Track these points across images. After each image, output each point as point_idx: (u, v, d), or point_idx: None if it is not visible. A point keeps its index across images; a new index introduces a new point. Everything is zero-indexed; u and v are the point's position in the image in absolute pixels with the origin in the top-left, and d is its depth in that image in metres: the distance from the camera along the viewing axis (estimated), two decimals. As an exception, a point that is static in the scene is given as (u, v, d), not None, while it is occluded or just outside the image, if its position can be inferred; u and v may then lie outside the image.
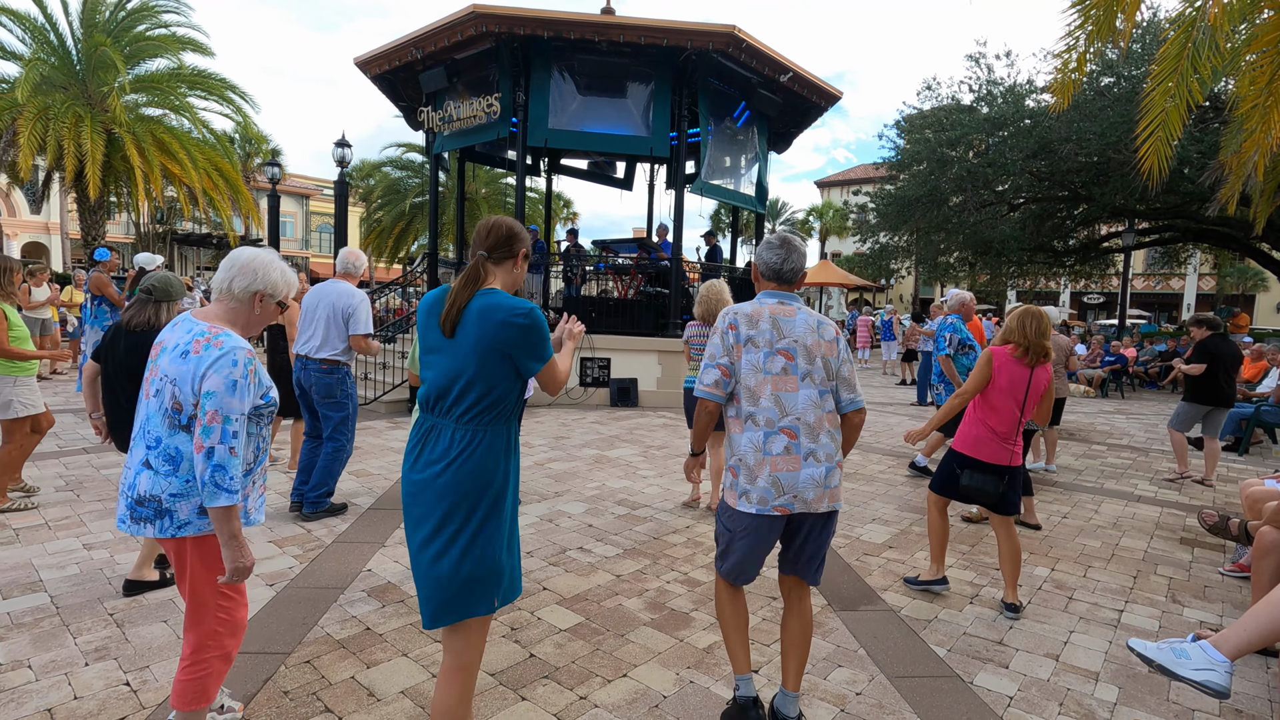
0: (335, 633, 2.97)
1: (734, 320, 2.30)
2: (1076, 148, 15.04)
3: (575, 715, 2.44)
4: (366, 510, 4.61)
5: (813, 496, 2.21)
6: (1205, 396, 6.11)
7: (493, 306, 1.88)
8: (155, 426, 1.98)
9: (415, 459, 1.94)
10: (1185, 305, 35.65)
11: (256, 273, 2.06)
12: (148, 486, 1.96)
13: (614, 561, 3.91)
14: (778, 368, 2.25)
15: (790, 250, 2.38)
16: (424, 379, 1.97)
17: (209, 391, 1.87)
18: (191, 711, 2.02)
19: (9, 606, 3.07)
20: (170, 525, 1.96)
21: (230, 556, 1.92)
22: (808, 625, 2.39)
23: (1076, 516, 5.08)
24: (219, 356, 1.90)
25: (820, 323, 2.33)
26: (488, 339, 1.86)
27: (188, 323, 2.02)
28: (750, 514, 2.22)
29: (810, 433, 2.23)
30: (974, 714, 2.51)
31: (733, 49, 8.51)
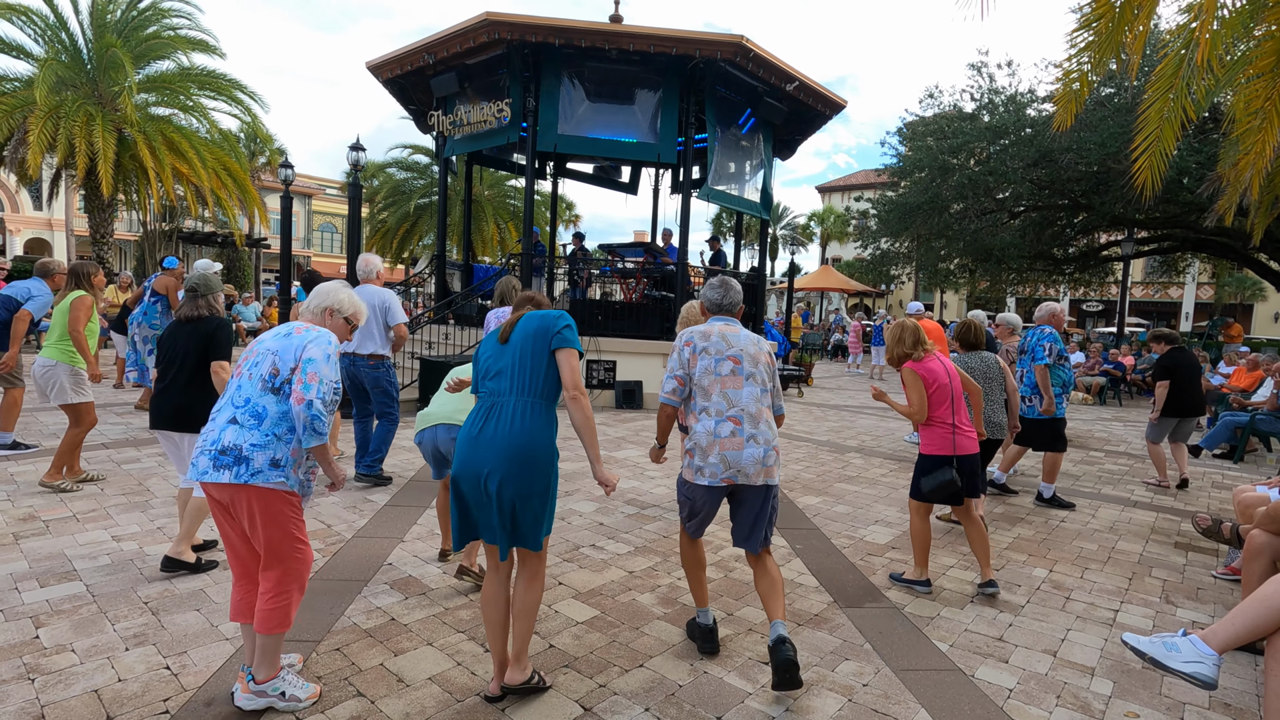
0: (362, 622, 3.09)
1: (689, 338, 2.91)
2: (1077, 157, 15.21)
3: (596, 702, 2.56)
4: (383, 506, 4.73)
5: (752, 471, 2.77)
6: (1173, 409, 6.29)
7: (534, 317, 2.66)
8: (247, 391, 2.41)
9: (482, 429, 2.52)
10: (1184, 314, 35.85)
11: (327, 294, 2.68)
12: (232, 438, 2.34)
13: (626, 558, 4.03)
14: (727, 370, 2.84)
15: (728, 289, 3.03)
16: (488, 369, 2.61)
17: (310, 358, 2.39)
18: (275, 635, 2.40)
19: (47, 594, 3.19)
20: (245, 472, 2.31)
21: (331, 473, 2.55)
22: (775, 578, 2.86)
23: (1075, 520, 5.21)
24: (317, 335, 2.48)
25: (759, 339, 2.97)
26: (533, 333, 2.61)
27: (289, 325, 2.54)
28: (704, 486, 2.80)
29: (752, 421, 2.80)
30: (975, 705, 2.64)
31: (740, 58, 8.66)
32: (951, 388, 3.71)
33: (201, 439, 2.40)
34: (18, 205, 31.05)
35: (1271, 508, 3.26)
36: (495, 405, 2.47)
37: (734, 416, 2.78)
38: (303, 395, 2.33)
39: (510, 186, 26.05)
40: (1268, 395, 8.81)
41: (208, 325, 3.57)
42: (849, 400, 12.17)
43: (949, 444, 3.67)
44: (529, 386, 2.48)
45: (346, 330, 2.71)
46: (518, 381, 2.48)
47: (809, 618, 3.35)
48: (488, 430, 2.43)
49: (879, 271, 23.97)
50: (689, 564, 3.06)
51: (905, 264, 23.84)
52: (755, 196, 11.20)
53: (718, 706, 2.57)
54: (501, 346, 2.56)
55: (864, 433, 8.78)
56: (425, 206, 24.98)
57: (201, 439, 2.40)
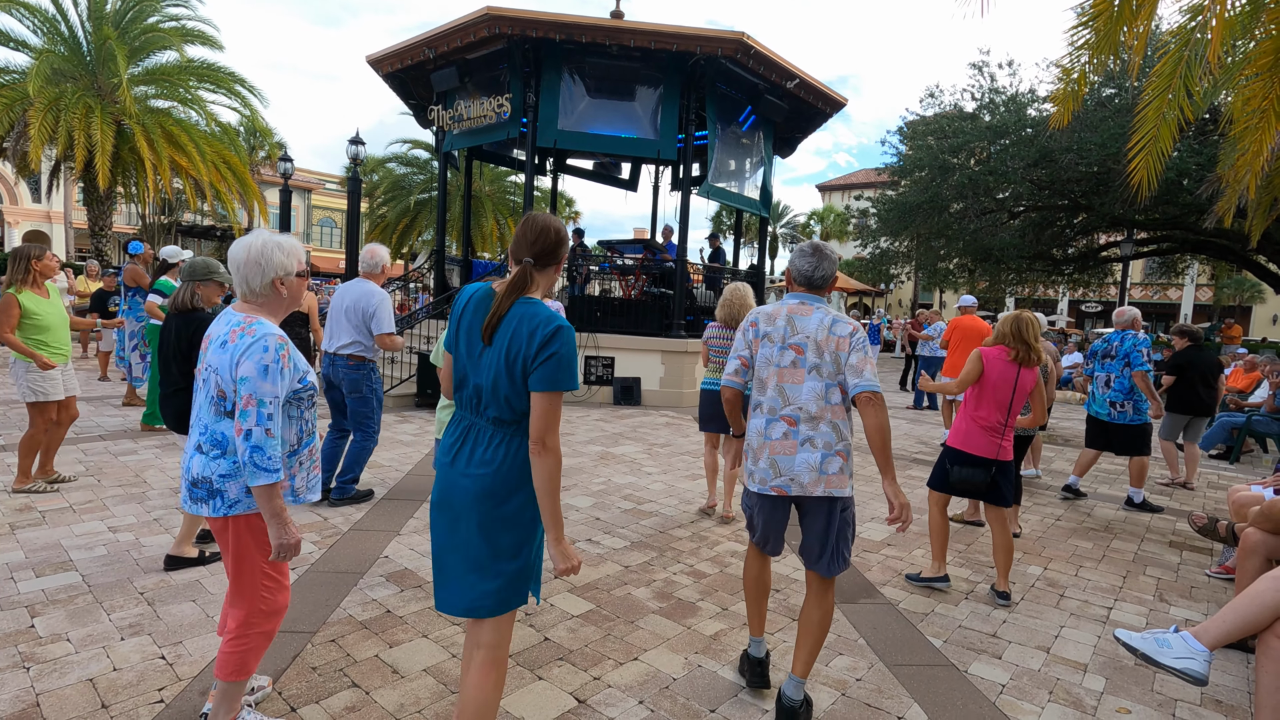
0: (357, 614, 3.09)
1: (755, 319, 2.57)
2: (1077, 157, 15.21)
3: (590, 694, 2.57)
4: (380, 500, 4.74)
5: (808, 480, 2.39)
6: (1183, 406, 6.36)
7: (529, 316, 1.83)
8: (204, 414, 2.11)
9: (455, 457, 1.92)
10: (1183, 315, 35.90)
11: (261, 263, 2.09)
12: (200, 469, 2.08)
13: (622, 553, 4.04)
14: (788, 361, 2.45)
15: (822, 259, 2.54)
16: (463, 375, 1.93)
17: (243, 377, 1.97)
18: (232, 682, 2.13)
19: (43, 584, 3.20)
20: (221, 505, 2.07)
21: (275, 533, 2.03)
22: (825, 616, 2.45)
23: (1070, 519, 5.22)
24: (251, 344, 1.99)
25: (835, 320, 2.44)
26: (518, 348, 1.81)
27: (228, 315, 2.12)
28: (755, 493, 2.51)
29: (811, 421, 2.41)
30: (968, 700, 2.65)
31: (741, 55, 8.65)
32: (1013, 394, 3.54)
33: (181, 460, 2.19)
34: (17, 198, 30.99)
35: (1265, 506, 3.27)
36: (472, 427, 1.92)
37: (789, 416, 2.42)
38: (240, 425, 1.96)
39: (511, 182, 26.04)
40: (1264, 396, 8.82)
41: (196, 320, 3.38)
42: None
43: (994, 448, 3.54)
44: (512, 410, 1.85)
45: (301, 288, 2.22)
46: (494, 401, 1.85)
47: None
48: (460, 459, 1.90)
49: (878, 271, 23.98)
50: (749, 587, 2.68)
51: (905, 263, 23.86)
52: (755, 194, 11.20)
53: (711, 700, 2.57)
54: (482, 346, 1.87)
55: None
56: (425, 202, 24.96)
57: (181, 460, 2.19)
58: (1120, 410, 5.53)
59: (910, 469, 6.58)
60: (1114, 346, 5.62)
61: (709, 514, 4.91)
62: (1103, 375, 5.66)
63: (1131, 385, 5.48)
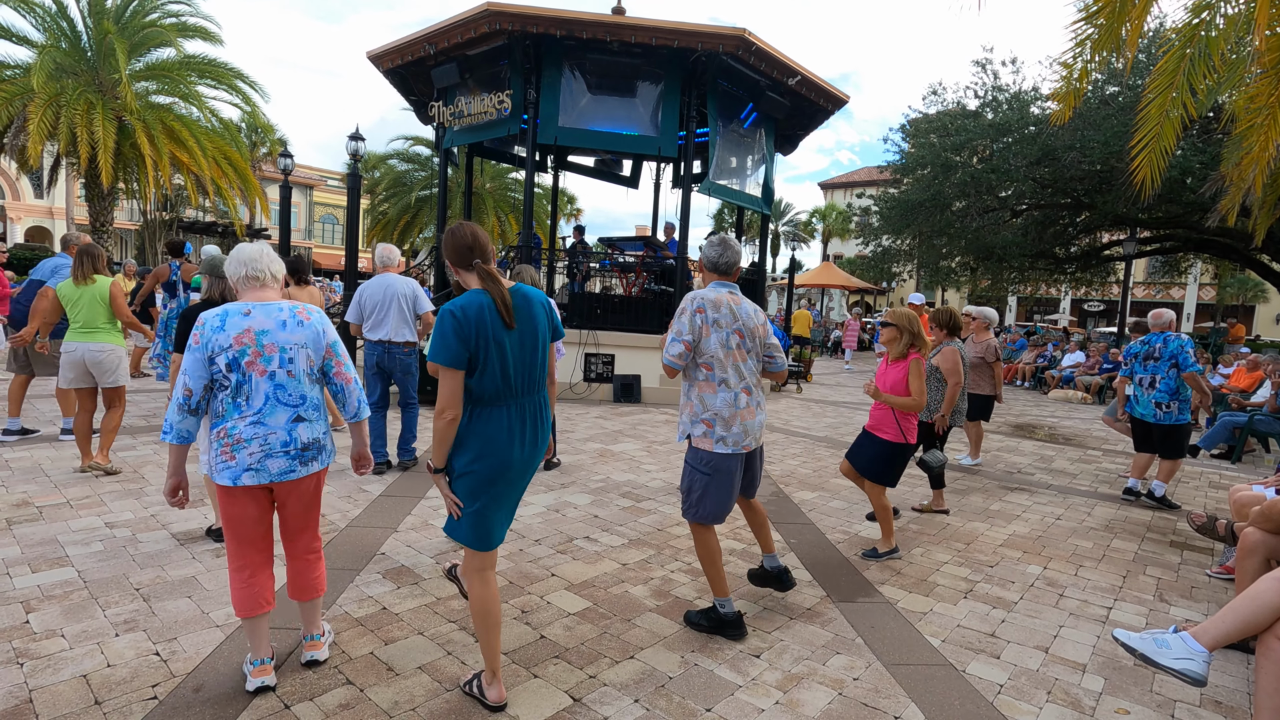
0: (353, 611, 3.09)
1: (701, 305, 2.94)
2: (1080, 155, 15.15)
3: (585, 693, 2.55)
4: (378, 497, 4.73)
5: (759, 435, 3.09)
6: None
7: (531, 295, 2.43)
8: (299, 388, 2.44)
9: (524, 439, 2.37)
10: (1185, 315, 35.79)
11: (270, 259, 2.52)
12: (309, 435, 2.45)
13: (619, 551, 4.02)
14: (735, 344, 2.98)
15: (727, 247, 3.07)
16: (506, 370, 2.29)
17: (334, 340, 2.52)
18: (319, 597, 2.63)
19: (39, 579, 3.19)
20: (327, 457, 2.54)
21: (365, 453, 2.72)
22: (763, 515, 3.37)
23: (1070, 518, 5.20)
24: (321, 314, 2.54)
25: (756, 309, 3.11)
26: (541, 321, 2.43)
27: (269, 305, 2.42)
28: (727, 454, 2.96)
29: (759, 390, 3.10)
30: (966, 700, 2.63)
31: (742, 51, 8.61)
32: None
33: (263, 443, 2.34)
34: (19, 193, 31.03)
35: (1266, 506, 3.25)
36: (527, 406, 2.39)
37: (746, 388, 3.00)
38: (349, 375, 2.54)
39: (512, 179, 26.01)
40: (1266, 396, 8.79)
41: None
42: (847, 397, 12.16)
43: (916, 433, 4.16)
44: (541, 380, 2.46)
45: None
46: (537, 375, 2.43)
47: (801, 611, 3.34)
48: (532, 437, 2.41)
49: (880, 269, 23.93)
50: (709, 555, 3.03)
51: (907, 261, 23.80)
52: (757, 191, 11.17)
53: (707, 699, 2.56)
54: (509, 332, 2.28)
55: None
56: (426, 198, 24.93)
57: (263, 443, 2.34)
58: (1166, 411, 5.57)
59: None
60: (1156, 348, 5.64)
61: None
62: (1146, 377, 5.67)
63: (1177, 385, 5.54)
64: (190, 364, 2.27)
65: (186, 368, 2.28)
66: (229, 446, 2.32)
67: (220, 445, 2.32)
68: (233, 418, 2.33)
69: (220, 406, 2.34)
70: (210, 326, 2.30)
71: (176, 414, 2.28)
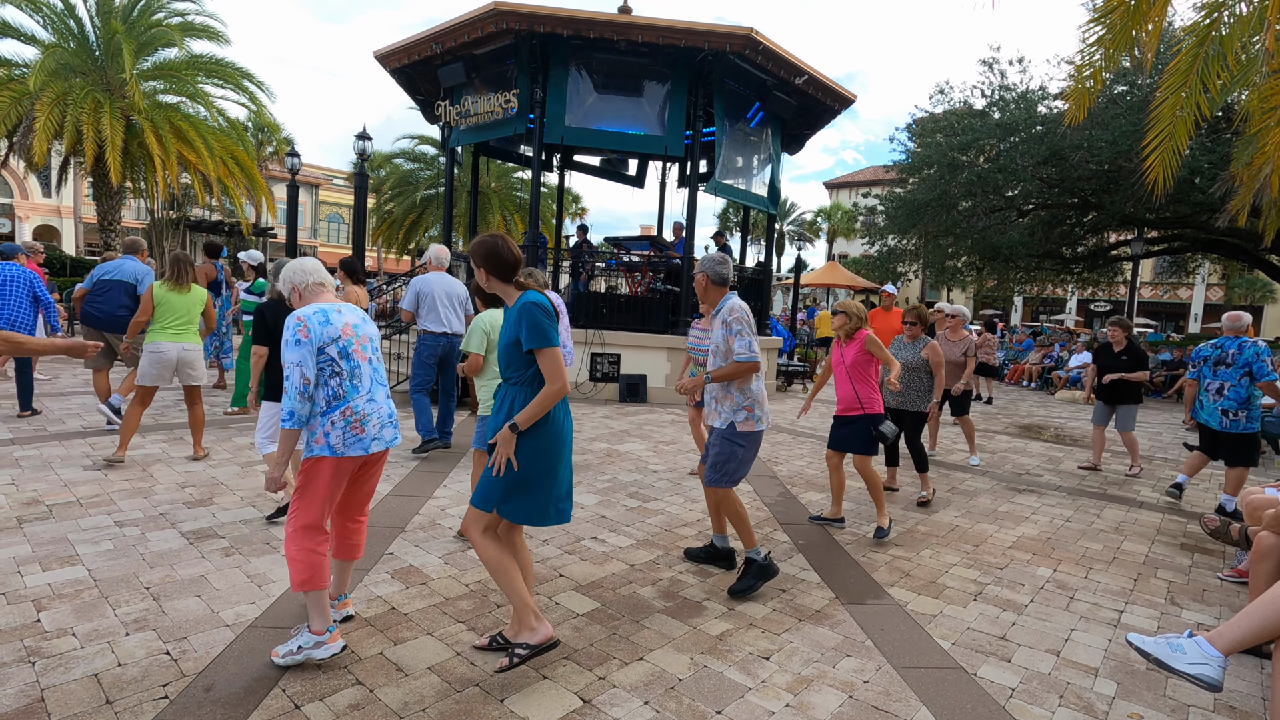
0: (363, 611, 3.08)
1: (746, 311, 3.53)
2: (1088, 155, 15.08)
3: (595, 694, 2.55)
4: (385, 496, 4.73)
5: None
6: (1106, 396, 6.91)
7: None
8: (383, 370, 2.86)
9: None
10: (1193, 315, 35.61)
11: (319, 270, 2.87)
12: (391, 409, 2.83)
13: (627, 551, 4.02)
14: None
15: (728, 263, 3.63)
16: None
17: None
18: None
19: (49, 578, 3.20)
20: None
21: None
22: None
23: (1079, 521, 5.18)
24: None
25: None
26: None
27: (348, 306, 2.80)
28: (763, 430, 3.58)
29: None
30: (977, 704, 2.61)
31: (749, 51, 8.59)
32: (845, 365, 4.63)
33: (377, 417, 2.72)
34: (27, 192, 31.19)
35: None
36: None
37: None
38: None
39: (518, 179, 26.01)
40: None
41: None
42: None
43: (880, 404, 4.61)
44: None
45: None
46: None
47: (811, 613, 3.33)
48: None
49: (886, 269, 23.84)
50: (740, 512, 3.59)
51: (913, 261, 23.72)
52: (763, 191, 11.14)
53: (718, 701, 2.55)
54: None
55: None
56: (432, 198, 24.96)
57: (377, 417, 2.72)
58: (1233, 419, 5.31)
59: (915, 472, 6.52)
60: (1230, 354, 5.34)
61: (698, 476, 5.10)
62: (1214, 383, 5.39)
63: (1248, 395, 5.27)
64: (304, 356, 2.54)
65: (301, 359, 2.54)
66: (358, 422, 2.64)
67: (348, 423, 2.62)
68: (354, 397, 2.66)
69: (338, 390, 2.63)
70: (316, 322, 2.60)
71: (299, 402, 2.54)
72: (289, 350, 2.55)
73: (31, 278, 6.29)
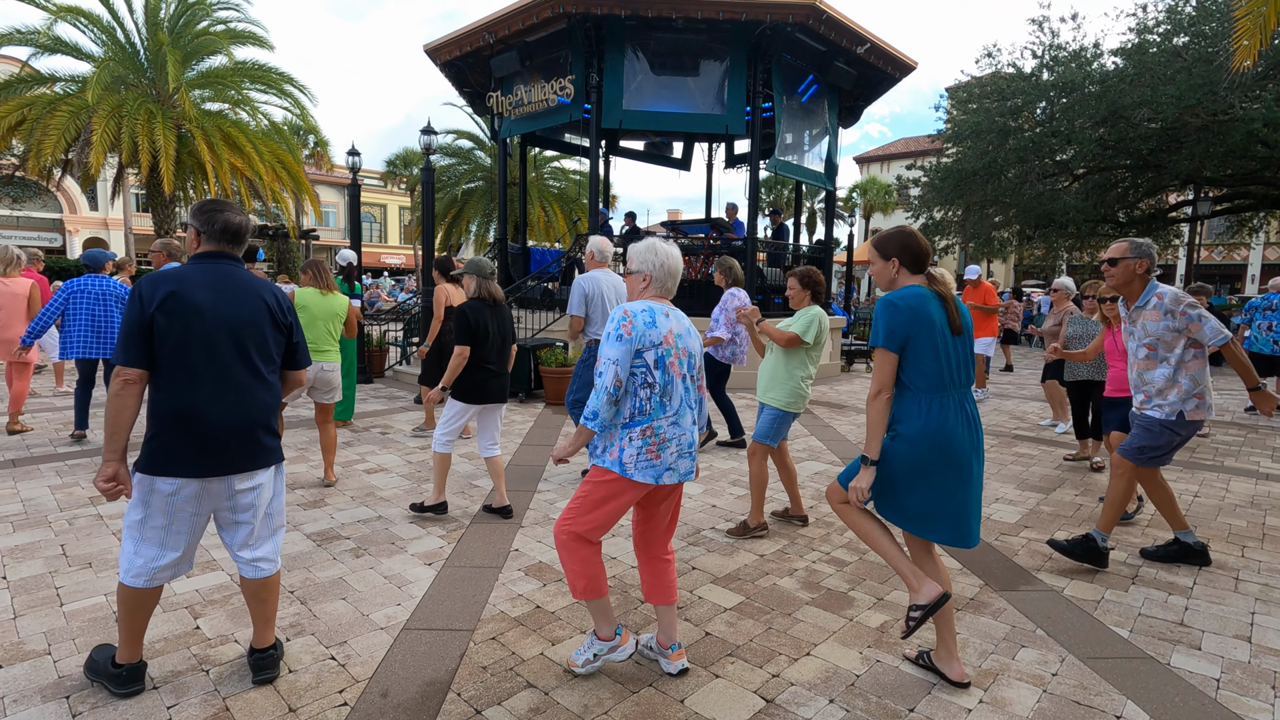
0: (509, 610, 3.03)
1: None
2: (1151, 112, 14.41)
3: (775, 693, 2.44)
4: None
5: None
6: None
7: None
8: (695, 394, 2.54)
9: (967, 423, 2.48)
10: (1250, 276, 34.11)
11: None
12: (697, 439, 2.51)
13: (751, 541, 3.91)
14: None
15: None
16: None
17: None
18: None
19: (194, 584, 3.20)
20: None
21: None
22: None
23: (1209, 495, 4.92)
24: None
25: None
26: None
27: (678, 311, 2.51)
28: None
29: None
30: (1186, 696, 2.45)
31: (812, 21, 8.32)
32: None
33: (678, 444, 2.41)
34: (75, 206, 32.09)
35: None
36: (962, 398, 2.41)
37: None
38: (705, 388, 2.70)
39: (554, 168, 25.88)
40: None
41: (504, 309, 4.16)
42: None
43: None
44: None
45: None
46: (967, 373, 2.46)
47: (965, 601, 3.18)
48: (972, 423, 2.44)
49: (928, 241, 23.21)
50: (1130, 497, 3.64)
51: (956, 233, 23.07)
52: (819, 167, 10.85)
53: (905, 698, 2.43)
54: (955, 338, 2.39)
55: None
56: (471, 191, 25.00)
57: (678, 444, 2.41)
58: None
59: (1007, 448, 6.29)
60: (1274, 304, 7.81)
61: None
62: (1264, 323, 7.84)
63: None
64: (621, 354, 2.30)
65: (618, 357, 2.30)
66: (655, 445, 2.35)
67: (646, 443, 2.35)
68: (659, 417, 2.37)
69: (645, 404, 2.36)
70: (642, 321, 2.33)
71: (606, 404, 2.32)
72: (608, 344, 2.32)
73: (122, 292, 5.77)
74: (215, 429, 2.22)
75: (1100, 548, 3.48)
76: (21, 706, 2.28)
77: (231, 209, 2.38)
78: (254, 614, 2.48)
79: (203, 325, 2.20)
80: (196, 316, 2.19)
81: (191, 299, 2.19)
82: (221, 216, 2.34)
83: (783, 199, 32.24)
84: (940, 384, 2.34)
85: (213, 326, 2.22)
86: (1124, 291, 3.45)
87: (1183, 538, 3.61)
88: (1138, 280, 3.38)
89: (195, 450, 2.19)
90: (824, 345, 4.04)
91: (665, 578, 2.55)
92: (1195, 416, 3.31)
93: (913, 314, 2.31)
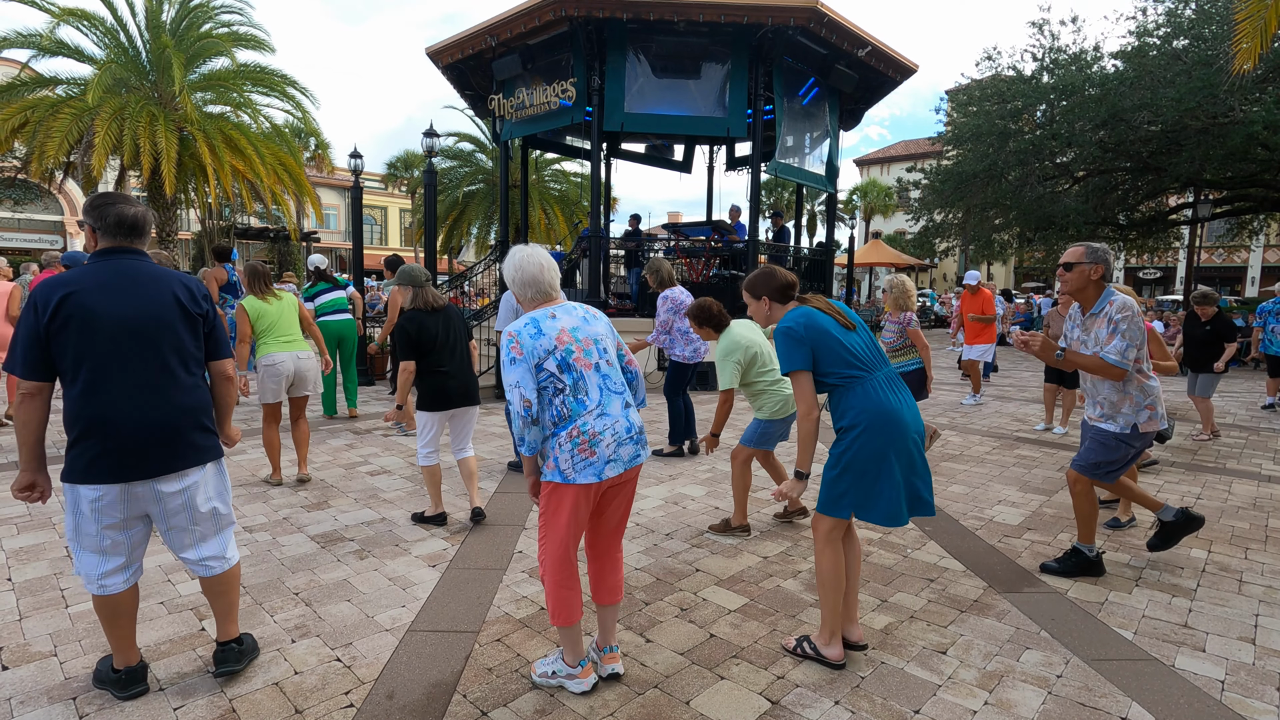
0: (513, 612, 3.03)
1: None
2: (1151, 115, 14.43)
3: (780, 694, 2.45)
4: (494, 494, 4.69)
5: None
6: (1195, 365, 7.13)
7: None
8: (618, 375, 2.46)
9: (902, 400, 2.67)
10: (1250, 278, 34.13)
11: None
12: (637, 420, 2.44)
13: (754, 543, 3.91)
14: None
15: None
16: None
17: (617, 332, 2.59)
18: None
19: (198, 586, 3.19)
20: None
21: None
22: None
23: (1211, 498, 4.92)
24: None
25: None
26: None
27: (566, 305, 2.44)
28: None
29: None
30: (1191, 698, 2.45)
31: (814, 24, 8.34)
32: None
33: (609, 430, 2.32)
34: (77, 208, 32.13)
35: None
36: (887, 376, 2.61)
37: None
38: (636, 362, 2.59)
39: (555, 171, 25.92)
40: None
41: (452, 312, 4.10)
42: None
43: None
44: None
45: None
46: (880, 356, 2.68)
47: (969, 604, 3.18)
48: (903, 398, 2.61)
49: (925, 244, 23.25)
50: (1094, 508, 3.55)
51: (957, 235, 23.07)
52: (820, 169, 10.87)
53: (910, 699, 2.43)
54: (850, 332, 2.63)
55: (949, 409, 8.50)
56: (472, 194, 25.03)
57: (609, 430, 2.32)
58: None
59: (1011, 449, 6.29)
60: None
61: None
62: (1276, 325, 8.22)
63: None
64: (520, 376, 2.25)
65: (517, 380, 2.24)
66: (586, 443, 2.27)
67: (575, 444, 2.27)
68: (580, 414, 2.29)
69: (563, 409, 2.29)
70: (527, 335, 2.28)
71: (524, 426, 2.26)
72: (506, 371, 2.29)
73: None
74: (130, 433, 2.14)
75: (1090, 558, 3.46)
76: (28, 708, 2.28)
77: (124, 200, 2.27)
78: (213, 608, 2.48)
79: (103, 328, 2.11)
80: (95, 319, 2.11)
81: (88, 302, 2.10)
82: (114, 209, 2.23)
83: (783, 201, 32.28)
84: (861, 367, 2.56)
85: (114, 328, 2.13)
86: (1079, 298, 3.34)
87: (1082, 548, 3.52)
88: (1092, 286, 3.26)
89: (113, 456, 2.13)
90: (766, 354, 4.10)
91: (613, 577, 2.54)
92: (1149, 428, 3.28)
93: (807, 328, 2.53)
